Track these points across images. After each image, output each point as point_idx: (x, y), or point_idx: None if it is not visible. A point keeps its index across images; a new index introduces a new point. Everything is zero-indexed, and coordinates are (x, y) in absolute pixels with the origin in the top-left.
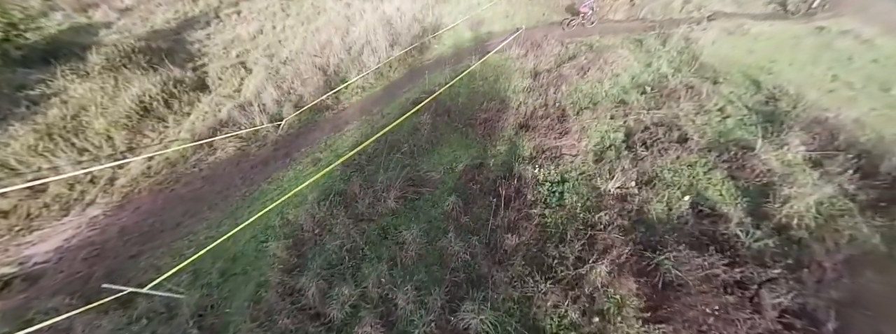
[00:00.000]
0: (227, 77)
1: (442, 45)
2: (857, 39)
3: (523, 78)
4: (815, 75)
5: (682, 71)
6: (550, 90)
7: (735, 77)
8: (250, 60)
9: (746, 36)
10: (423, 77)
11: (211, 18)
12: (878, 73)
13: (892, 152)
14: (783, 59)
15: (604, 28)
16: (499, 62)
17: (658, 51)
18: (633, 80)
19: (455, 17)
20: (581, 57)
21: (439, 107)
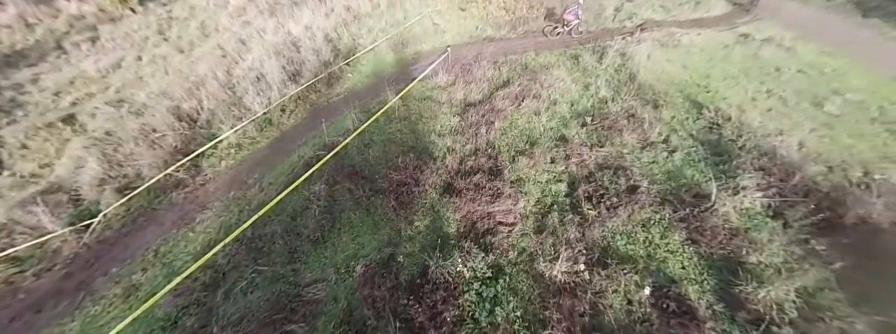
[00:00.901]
0: (38, 144)
1: (358, 74)
2: (779, 47)
3: (450, 114)
4: (750, 91)
5: (621, 93)
6: (482, 129)
7: (674, 98)
8: (86, 111)
9: (679, 48)
10: (326, 124)
11: (48, 51)
12: (806, 86)
13: (852, 196)
14: (717, 74)
15: (540, 42)
16: (423, 93)
17: (595, 69)
18: (573, 107)
19: (376, 35)
20: (516, 82)
21: (341, 169)
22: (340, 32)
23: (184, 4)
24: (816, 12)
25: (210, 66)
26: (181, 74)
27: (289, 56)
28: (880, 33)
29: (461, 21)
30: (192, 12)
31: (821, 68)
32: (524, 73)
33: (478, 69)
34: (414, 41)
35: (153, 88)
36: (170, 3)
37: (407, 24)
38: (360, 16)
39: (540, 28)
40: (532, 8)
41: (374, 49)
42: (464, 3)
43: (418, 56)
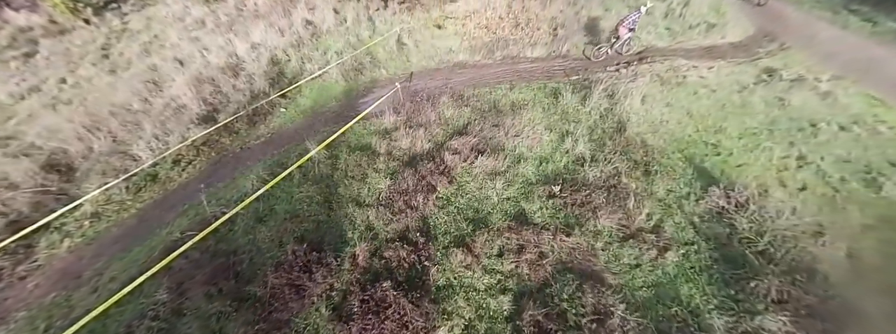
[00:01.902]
0: None
1: (293, 108)
2: (814, 91)
3: (384, 173)
4: (776, 157)
5: (605, 150)
6: (418, 198)
7: (673, 162)
8: None
9: (683, 87)
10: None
11: None
12: (855, 152)
13: None
14: (732, 128)
15: (519, 71)
16: (360, 139)
17: (576, 113)
18: (541, 167)
19: (331, 57)
20: (476, 126)
21: (209, 261)
22: (295, 52)
23: (142, 16)
24: (861, 43)
25: (133, 91)
26: (98, 102)
27: (220, 83)
28: None
29: (434, 41)
30: (148, 24)
31: (873, 125)
32: (489, 115)
33: (434, 108)
34: (373, 66)
35: (48, 122)
36: (130, 14)
37: (369, 44)
38: (320, 33)
39: (519, 53)
40: (519, 27)
41: (322, 76)
42: (441, 20)
43: (374, 85)
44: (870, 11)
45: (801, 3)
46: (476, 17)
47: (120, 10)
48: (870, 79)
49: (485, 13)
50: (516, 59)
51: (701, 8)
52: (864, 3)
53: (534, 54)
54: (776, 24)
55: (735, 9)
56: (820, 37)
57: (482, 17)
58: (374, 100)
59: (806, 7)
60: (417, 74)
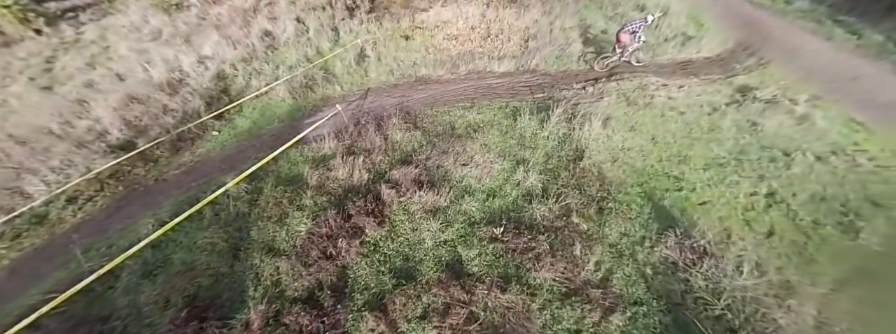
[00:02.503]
0: None
1: (231, 128)
2: (790, 115)
3: (307, 212)
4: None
5: (558, 182)
6: (340, 244)
7: (631, 198)
8: None
9: (650, 109)
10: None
11: None
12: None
13: None
14: (698, 157)
15: (484, 87)
16: (290, 170)
17: (534, 138)
18: (487, 203)
19: (283, 72)
20: (423, 154)
21: (69, 331)
22: (245, 65)
23: (99, 26)
24: (844, 57)
25: (58, 112)
26: (18, 125)
27: (151, 102)
28: None
29: (398, 54)
30: (103, 34)
31: (852, 156)
32: (442, 139)
33: (381, 131)
34: (326, 82)
35: None
36: (88, 23)
37: (327, 56)
38: (277, 45)
39: (486, 68)
40: (489, 38)
41: (268, 93)
42: (410, 30)
43: (325, 103)
44: (855, 22)
45: (786, 13)
46: (447, 27)
47: (77, 20)
48: (852, 99)
49: (456, 23)
50: (482, 74)
51: (679, 18)
52: (850, 13)
53: (501, 69)
54: (757, 36)
55: (716, 19)
56: (802, 50)
57: (453, 27)
58: (315, 123)
59: (790, 18)
60: (375, 91)
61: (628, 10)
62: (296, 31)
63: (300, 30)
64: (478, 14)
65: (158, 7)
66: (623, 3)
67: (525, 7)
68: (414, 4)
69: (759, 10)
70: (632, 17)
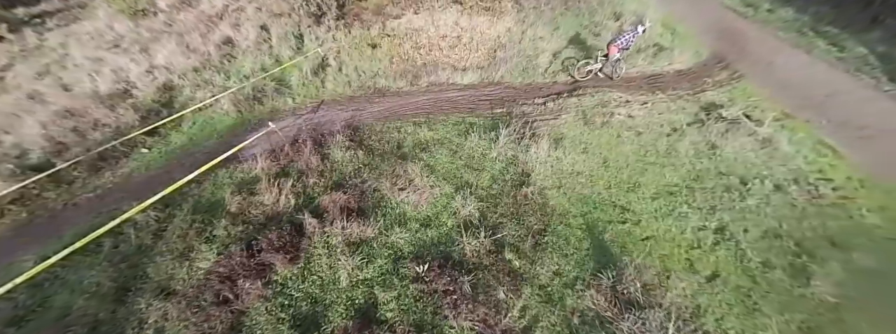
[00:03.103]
0: None
1: (164, 145)
2: (754, 137)
3: (217, 245)
4: (690, 229)
5: (497, 212)
6: (242, 285)
7: (572, 230)
8: None
9: (607, 128)
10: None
11: None
12: (788, 222)
13: None
14: (649, 185)
15: (443, 101)
16: (215, 192)
17: (482, 158)
18: (418, 236)
19: (235, 82)
20: (360, 177)
21: None
22: (189, 78)
23: (63, 32)
24: (823, 71)
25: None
26: None
27: (82, 116)
28: None
29: (361, 63)
30: (65, 41)
31: (815, 185)
32: (386, 159)
33: (319, 150)
34: (278, 93)
35: None
36: (55, 29)
37: (285, 65)
38: (236, 53)
39: (448, 79)
40: (457, 48)
41: (212, 106)
42: (379, 38)
43: (273, 117)
44: (838, 34)
45: (768, 22)
46: (417, 35)
47: (43, 26)
48: (824, 117)
49: (428, 31)
50: (444, 87)
51: (655, 27)
52: (833, 23)
53: (465, 80)
54: (735, 47)
55: (694, 28)
56: (779, 63)
57: (424, 35)
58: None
59: (771, 28)
60: (328, 103)
61: (603, 19)
62: (257, 38)
63: (263, 37)
64: (451, 22)
65: (125, 13)
66: (599, 12)
67: (499, 15)
68: (386, 11)
69: (741, 19)
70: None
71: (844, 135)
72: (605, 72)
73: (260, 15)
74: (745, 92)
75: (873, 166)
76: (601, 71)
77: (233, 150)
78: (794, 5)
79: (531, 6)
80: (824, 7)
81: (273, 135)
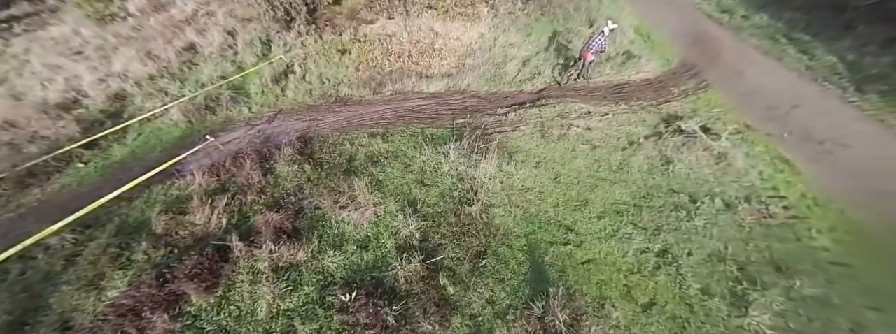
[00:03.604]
0: None
1: (103, 158)
2: (709, 152)
3: (132, 271)
4: (632, 251)
5: (439, 232)
6: (150, 318)
7: (512, 251)
8: None
9: (563, 141)
10: None
11: None
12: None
13: None
14: (597, 202)
15: (405, 110)
16: (146, 211)
17: (434, 173)
18: (353, 259)
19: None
20: (301, 194)
21: None
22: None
23: (27, 38)
24: (792, 80)
25: None
26: None
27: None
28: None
29: (327, 70)
30: (29, 48)
31: (766, 205)
32: (330, 175)
33: (264, 164)
34: (234, 102)
35: None
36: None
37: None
38: (198, 59)
39: (414, 88)
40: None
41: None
42: (350, 44)
43: (224, 127)
44: (810, 41)
45: (742, 28)
46: (389, 41)
47: (11, 31)
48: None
49: (401, 37)
50: (408, 95)
51: (627, 34)
52: (807, 29)
53: (431, 89)
54: (706, 54)
55: (668, 35)
56: (749, 72)
57: (396, 41)
58: (209, 149)
59: (744, 34)
60: (286, 113)
61: (578, 26)
62: (222, 44)
63: (228, 43)
64: (426, 27)
65: (92, 18)
66: (576, 17)
67: (475, 20)
68: (360, 16)
69: (717, 26)
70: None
71: (804, 149)
72: (581, 74)
73: (229, 20)
74: (709, 102)
75: (829, 183)
76: (578, 75)
77: (164, 166)
78: (769, 11)
79: (507, 12)
80: (798, 13)
81: (219, 148)
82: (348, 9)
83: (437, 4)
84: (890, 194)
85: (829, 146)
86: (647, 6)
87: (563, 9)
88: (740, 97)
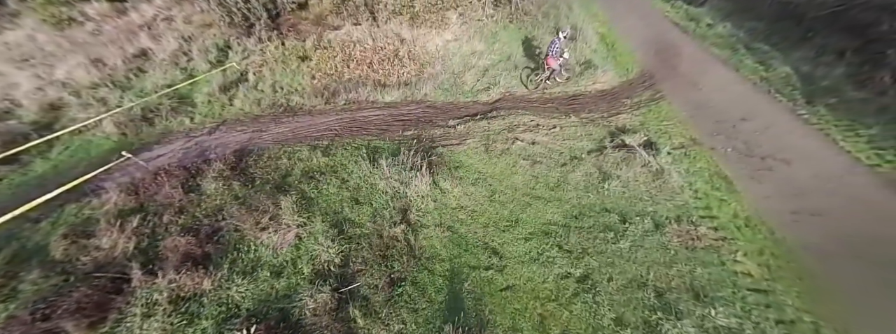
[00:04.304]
0: None
1: (21, 174)
2: (647, 167)
3: (18, 304)
4: (552, 278)
5: (361, 256)
6: None
7: (433, 277)
8: None
9: (505, 157)
10: None
11: None
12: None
13: None
14: (527, 223)
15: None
16: (51, 234)
17: (370, 190)
18: (261, 289)
19: (129, 99)
20: (222, 213)
21: None
22: (82, 95)
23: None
24: (745, 92)
25: None
26: None
27: None
28: (824, 136)
29: (282, 78)
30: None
31: (695, 226)
32: (261, 192)
33: (189, 181)
34: (176, 112)
35: None
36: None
37: (189, 81)
38: (148, 66)
39: (368, 97)
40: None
41: (93, 128)
42: (312, 50)
43: (160, 140)
44: (769, 51)
45: (705, 37)
46: (353, 47)
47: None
48: (730, 144)
49: (365, 43)
50: (362, 105)
51: (592, 42)
52: (766, 40)
53: (387, 98)
54: (666, 64)
55: (633, 43)
56: (704, 82)
57: (359, 48)
58: (132, 165)
59: (707, 43)
60: (230, 124)
61: (544, 34)
62: (177, 50)
63: (184, 49)
64: (392, 34)
65: (49, 23)
66: (544, 24)
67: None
68: (327, 21)
69: (682, 34)
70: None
71: (745, 165)
72: (555, 79)
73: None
74: (660, 115)
75: (764, 202)
76: (549, 79)
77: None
78: (733, 20)
79: (476, 19)
80: (761, 23)
81: (140, 164)
82: (315, 14)
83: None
84: (822, 215)
85: (770, 162)
86: (616, 13)
87: (532, 16)
88: (692, 109)
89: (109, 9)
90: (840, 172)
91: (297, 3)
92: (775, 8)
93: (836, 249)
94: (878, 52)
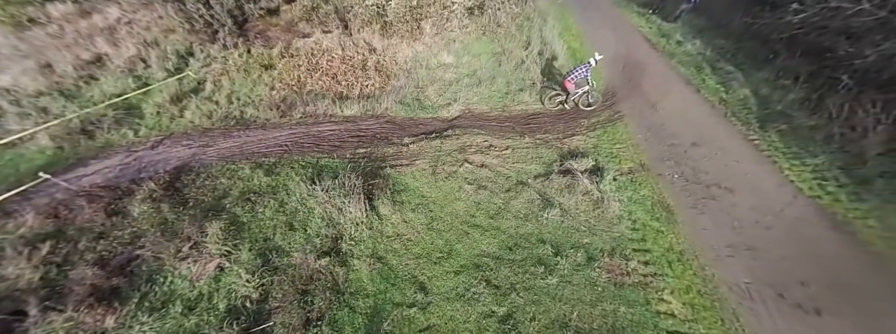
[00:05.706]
0: None
1: None
2: (588, 196)
3: None
4: (474, 318)
5: (282, 290)
6: None
7: (353, 315)
8: None
9: (451, 180)
10: None
11: None
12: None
13: None
14: (460, 254)
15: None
16: None
17: (308, 215)
18: (165, 329)
19: (74, 110)
20: (134, 245)
21: None
22: (23, 105)
23: None
24: (701, 114)
25: None
26: None
27: None
28: (772, 163)
29: (240, 88)
30: None
31: (625, 261)
32: (190, 216)
33: (114, 204)
34: (119, 124)
35: None
36: None
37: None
38: (102, 73)
39: (326, 111)
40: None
41: (28, 141)
42: (277, 59)
43: (98, 154)
44: (732, 72)
45: (673, 55)
46: (321, 56)
47: None
48: (678, 170)
49: (334, 52)
50: (318, 119)
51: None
52: (731, 60)
53: (346, 112)
54: (630, 83)
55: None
56: (664, 103)
57: (327, 56)
58: (73, 180)
59: (674, 60)
60: (176, 137)
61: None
62: (134, 57)
63: (142, 55)
64: (363, 43)
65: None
66: (517, 37)
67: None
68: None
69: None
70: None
71: (690, 193)
72: (577, 102)
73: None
74: (614, 137)
75: (702, 234)
76: (566, 102)
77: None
78: (703, 37)
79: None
80: (729, 42)
81: (60, 183)
82: (286, 21)
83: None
84: (756, 250)
85: (714, 191)
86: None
87: (505, 28)
88: (647, 131)
89: (75, 10)
90: (780, 205)
91: (267, 9)
92: (743, 27)
93: (762, 289)
94: (830, 77)
